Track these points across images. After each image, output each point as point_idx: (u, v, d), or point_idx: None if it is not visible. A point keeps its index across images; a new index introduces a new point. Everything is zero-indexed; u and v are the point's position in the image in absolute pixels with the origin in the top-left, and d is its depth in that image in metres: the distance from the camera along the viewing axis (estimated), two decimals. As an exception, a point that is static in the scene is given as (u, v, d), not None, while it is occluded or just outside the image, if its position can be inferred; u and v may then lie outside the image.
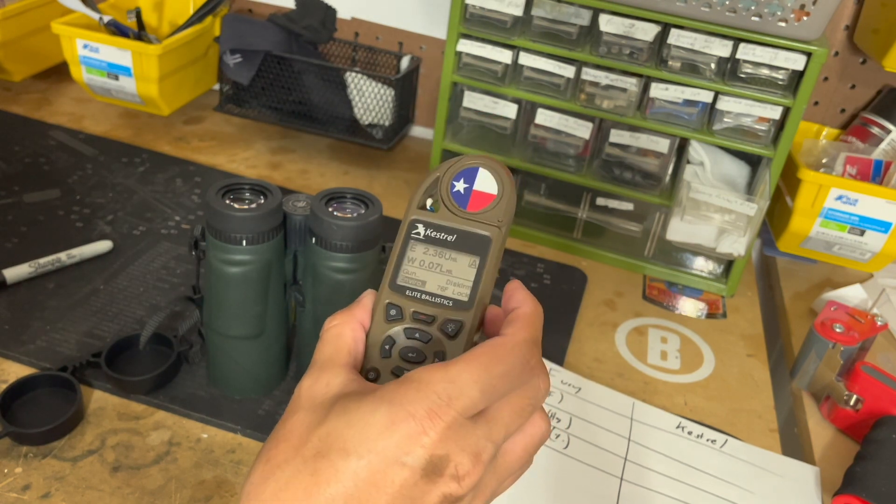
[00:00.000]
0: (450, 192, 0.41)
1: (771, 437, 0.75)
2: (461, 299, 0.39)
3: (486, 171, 0.41)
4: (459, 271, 0.40)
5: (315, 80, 1.08)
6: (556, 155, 0.96)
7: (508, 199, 0.40)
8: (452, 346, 0.39)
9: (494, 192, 0.41)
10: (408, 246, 0.41)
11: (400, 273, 0.40)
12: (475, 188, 0.41)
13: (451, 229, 0.40)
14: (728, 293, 0.96)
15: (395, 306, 0.40)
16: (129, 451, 0.64)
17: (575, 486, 0.66)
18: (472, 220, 0.40)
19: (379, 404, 0.33)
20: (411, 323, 0.39)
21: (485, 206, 0.40)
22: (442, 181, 0.41)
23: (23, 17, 1.13)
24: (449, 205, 0.41)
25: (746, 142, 0.88)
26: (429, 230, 0.40)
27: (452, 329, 0.39)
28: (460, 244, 0.40)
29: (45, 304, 0.77)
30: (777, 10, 0.79)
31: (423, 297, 0.40)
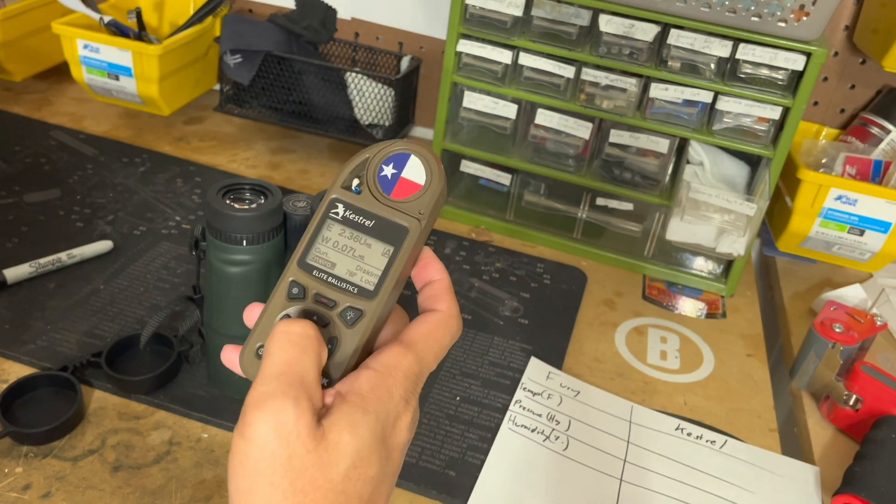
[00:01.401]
0: (377, 175, 0.39)
1: (770, 436, 0.75)
2: (367, 287, 0.38)
3: (417, 160, 0.39)
4: (371, 258, 0.39)
5: (315, 80, 1.08)
6: (556, 155, 0.96)
7: (435, 191, 0.39)
8: (349, 334, 0.38)
9: (421, 183, 0.39)
10: (324, 225, 0.39)
11: (311, 251, 0.39)
12: (403, 175, 0.39)
13: (370, 214, 0.39)
14: (728, 293, 0.96)
15: (299, 285, 0.38)
16: (129, 450, 0.64)
17: (574, 487, 0.66)
18: (394, 208, 0.39)
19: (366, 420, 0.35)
20: (311, 304, 0.38)
21: (409, 196, 0.39)
22: (370, 163, 0.40)
23: (23, 17, 1.13)
24: (373, 189, 0.39)
25: (746, 142, 0.88)
26: (348, 211, 0.39)
27: (351, 317, 0.38)
28: (377, 231, 0.39)
29: (46, 304, 0.77)
30: (777, 10, 0.79)
31: (330, 279, 0.38)
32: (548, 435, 0.71)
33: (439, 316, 0.40)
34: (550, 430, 0.71)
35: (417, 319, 0.40)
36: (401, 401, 0.36)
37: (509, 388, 0.75)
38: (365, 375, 0.36)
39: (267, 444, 0.32)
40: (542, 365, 0.79)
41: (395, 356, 0.37)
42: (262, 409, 0.33)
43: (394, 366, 0.37)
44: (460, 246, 0.97)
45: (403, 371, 0.37)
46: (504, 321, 0.85)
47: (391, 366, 0.37)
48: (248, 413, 0.33)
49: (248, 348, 0.38)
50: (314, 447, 0.33)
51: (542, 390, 0.76)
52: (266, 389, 0.33)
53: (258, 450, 0.33)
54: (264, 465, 0.32)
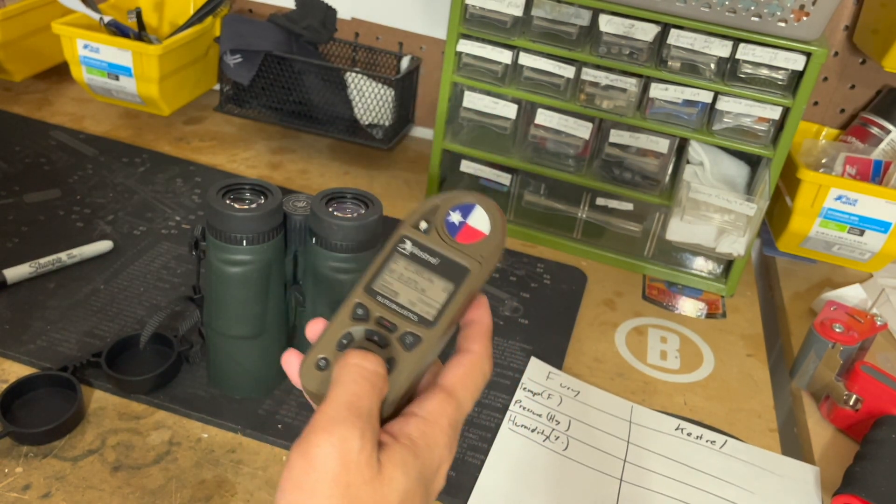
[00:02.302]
0: (444, 219, 0.43)
1: (770, 436, 0.75)
2: (426, 317, 0.41)
3: (482, 210, 0.42)
4: (432, 293, 0.41)
5: (315, 80, 1.08)
6: (555, 155, 0.96)
7: (496, 241, 0.42)
8: (406, 357, 0.40)
9: (485, 232, 0.42)
10: (392, 258, 0.42)
11: (377, 280, 0.42)
12: (468, 222, 0.42)
13: (435, 252, 0.42)
14: (728, 293, 0.96)
15: (364, 307, 0.41)
16: (129, 450, 0.64)
17: (574, 487, 0.66)
18: (458, 250, 0.42)
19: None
20: (374, 326, 0.41)
21: (472, 241, 0.42)
22: (440, 208, 0.43)
23: (23, 17, 1.13)
24: (440, 231, 0.42)
25: (746, 142, 0.88)
26: (415, 248, 0.42)
27: (410, 341, 0.40)
28: (440, 269, 0.42)
29: (46, 304, 0.77)
30: (777, 10, 0.79)
31: (392, 306, 0.41)
32: (548, 435, 0.71)
33: (473, 357, 0.41)
34: (550, 430, 0.71)
35: (453, 361, 0.41)
36: (445, 449, 0.38)
37: (509, 388, 0.75)
38: (414, 422, 0.38)
39: (329, 468, 0.34)
40: (542, 365, 0.79)
41: (440, 403, 0.39)
42: (329, 434, 0.34)
43: (440, 413, 0.39)
44: (460, 246, 0.97)
45: (448, 419, 0.39)
46: (504, 321, 0.85)
47: (437, 413, 0.38)
48: (314, 434, 0.34)
49: (310, 359, 0.40)
50: (370, 479, 0.34)
51: (542, 390, 0.76)
52: (336, 415, 0.35)
53: (319, 472, 0.34)
54: (323, 486, 0.34)
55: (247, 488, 0.62)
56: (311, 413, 0.69)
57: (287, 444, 0.66)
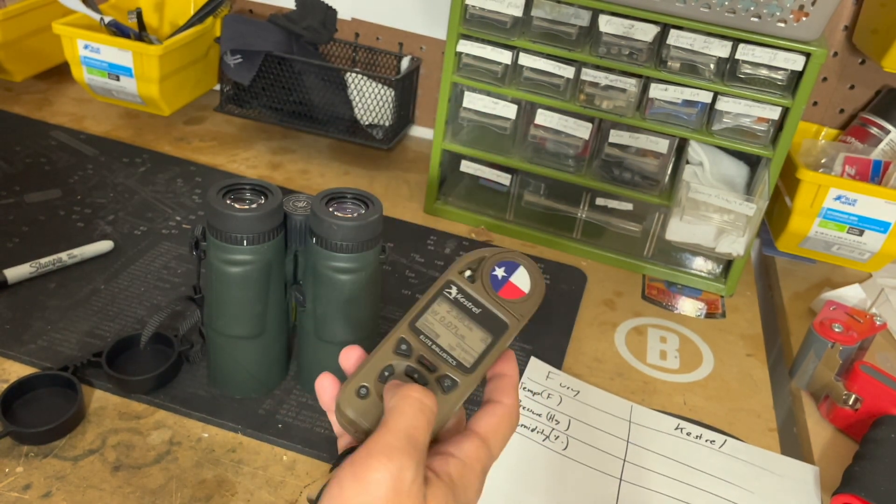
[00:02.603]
0: (489, 273, 0.45)
1: (770, 436, 0.75)
2: (464, 364, 0.43)
3: (525, 272, 0.46)
4: (471, 341, 0.44)
5: (315, 80, 1.08)
6: (555, 155, 0.96)
7: (534, 301, 0.45)
8: (442, 399, 0.42)
9: (525, 291, 0.45)
10: (437, 300, 0.45)
11: (421, 318, 0.44)
12: (511, 280, 0.45)
13: (478, 303, 0.45)
14: (727, 293, 0.96)
15: (407, 343, 0.43)
16: (129, 450, 0.64)
17: (574, 486, 0.66)
18: (499, 305, 0.45)
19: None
20: (415, 363, 0.43)
21: (513, 298, 0.45)
22: (486, 262, 0.45)
23: (24, 17, 1.13)
24: (485, 283, 0.45)
25: (745, 142, 0.88)
26: (460, 295, 0.45)
27: (448, 385, 0.43)
28: (481, 319, 0.44)
29: (46, 304, 0.77)
30: (776, 10, 0.79)
31: (434, 347, 0.43)
32: (547, 434, 0.71)
33: (505, 409, 0.43)
34: (550, 430, 0.71)
35: (487, 410, 0.43)
36: (475, 493, 0.40)
37: (509, 388, 0.75)
38: (453, 463, 0.39)
39: (381, 494, 0.35)
40: (541, 365, 0.79)
41: (475, 449, 0.41)
42: (389, 460, 0.35)
43: (475, 458, 0.40)
44: (460, 246, 0.97)
45: (482, 464, 0.41)
46: (504, 321, 0.85)
47: (473, 458, 0.40)
48: (372, 459, 0.35)
49: (350, 386, 0.42)
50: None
51: (541, 390, 0.76)
52: (396, 444, 0.36)
53: (371, 495, 0.35)
54: None
55: (247, 488, 0.62)
56: (311, 413, 0.69)
57: (287, 443, 0.66)
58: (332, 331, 0.66)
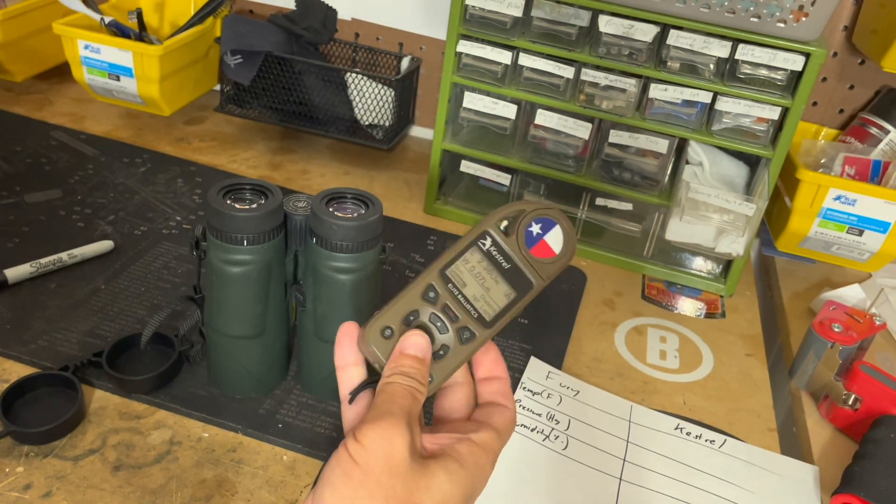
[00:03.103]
0: (525, 228, 0.45)
1: (770, 436, 0.75)
2: (485, 317, 0.44)
3: (561, 232, 0.45)
4: (495, 295, 0.44)
5: (316, 80, 1.08)
6: (555, 155, 0.96)
7: (562, 263, 0.45)
8: (458, 349, 0.44)
9: (557, 251, 0.45)
10: (470, 249, 0.44)
11: (452, 266, 0.44)
12: (545, 238, 0.45)
13: (509, 258, 0.44)
14: (727, 293, 0.96)
15: (435, 290, 0.44)
16: (130, 450, 0.64)
17: (574, 486, 0.66)
18: (528, 263, 0.45)
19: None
20: (440, 311, 0.44)
21: (543, 258, 0.45)
22: (524, 215, 0.45)
23: (24, 17, 1.13)
24: (518, 238, 0.45)
25: (745, 142, 0.88)
26: (493, 248, 0.44)
27: (466, 337, 0.44)
28: (509, 274, 0.44)
29: (47, 304, 0.77)
30: (776, 10, 0.79)
31: (459, 296, 0.44)
32: (547, 434, 0.71)
33: (511, 414, 0.45)
34: (550, 430, 0.71)
35: (496, 410, 0.45)
36: (483, 479, 0.42)
37: (509, 388, 0.75)
38: (465, 443, 0.41)
39: (380, 451, 0.38)
40: (541, 364, 0.79)
41: (490, 436, 0.42)
42: (382, 419, 0.39)
43: (489, 444, 0.42)
44: (460, 246, 0.97)
45: (495, 452, 0.43)
46: (504, 321, 0.85)
47: (487, 442, 0.42)
48: (365, 425, 0.38)
49: (376, 325, 0.43)
50: (419, 468, 0.39)
51: (541, 390, 0.76)
52: (382, 412, 0.39)
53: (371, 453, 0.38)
54: (375, 464, 0.37)
55: (247, 488, 0.62)
56: (311, 413, 0.69)
57: (287, 443, 0.66)
58: (332, 331, 0.66)
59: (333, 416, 0.69)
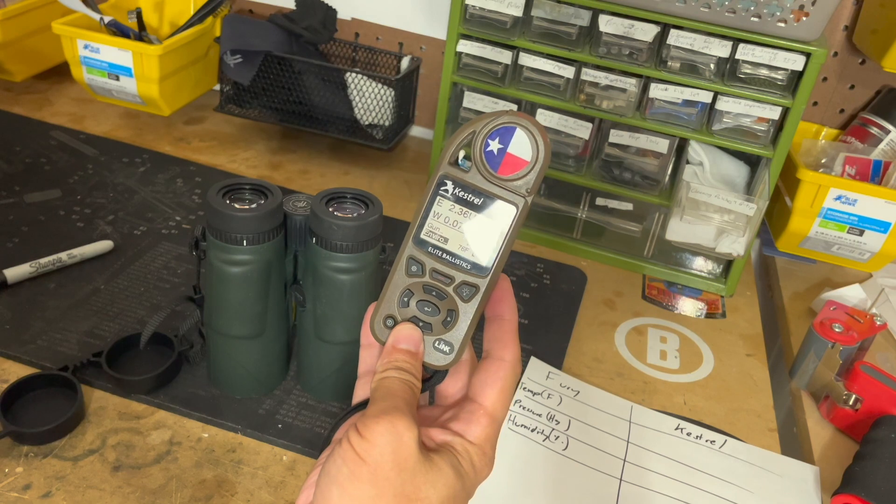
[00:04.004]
0: (483, 150, 0.39)
1: (770, 436, 0.75)
2: (479, 263, 0.40)
3: (523, 134, 0.39)
4: (481, 236, 0.40)
5: (315, 80, 1.08)
6: (555, 155, 0.96)
7: (540, 167, 0.39)
8: (465, 307, 0.41)
9: (528, 159, 0.39)
10: (434, 201, 0.40)
11: (424, 227, 0.41)
12: (509, 150, 0.39)
13: (479, 191, 0.40)
14: (727, 293, 0.96)
15: (417, 262, 0.41)
16: (129, 450, 0.64)
17: (574, 486, 0.66)
18: (500, 187, 0.39)
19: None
20: (430, 279, 0.41)
21: (515, 172, 0.39)
22: (477, 137, 0.39)
23: (24, 17, 1.13)
24: (480, 165, 0.39)
25: (745, 142, 0.88)
26: (457, 188, 0.40)
27: (467, 293, 0.41)
28: (486, 209, 0.40)
29: (46, 304, 0.77)
30: (776, 10, 0.79)
31: (444, 255, 0.41)
32: (548, 435, 0.71)
33: (508, 368, 0.42)
34: (550, 430, 0.71)
35: (490, 374, 0.42)
36: (485, 468, 0.41)
37: (509, 388, 0.75)
38: (460, 444, 0.40)
39: (384, 442, 0.37)
40: (542, 365, 0.79)
41: (485, 429, 0.41)
42: (385, 414, 0.37)
43: (485, 439, 0.41)
44: (460, 246, 0.97)
45: (491, 443, 0.41)
46: (504, 321, 0.85)
47: (482, 439, 0.41)
48: (369, 420, 0.37)
49: (379, 317, 0.42)
50: (424, 461, 0.38)
51: (541, 390, 0.76)
52: (384, 406, 0.38)
53: (379, 448, 0.37)
54: (382, 460, 0.37)
55: (247, 488, 0.62)
56: (311, 413, 0.69)
57: (287, 443, 0.66)
58: (332, 331, 0.66)
59: (333, 416, 0.69)
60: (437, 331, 0.41)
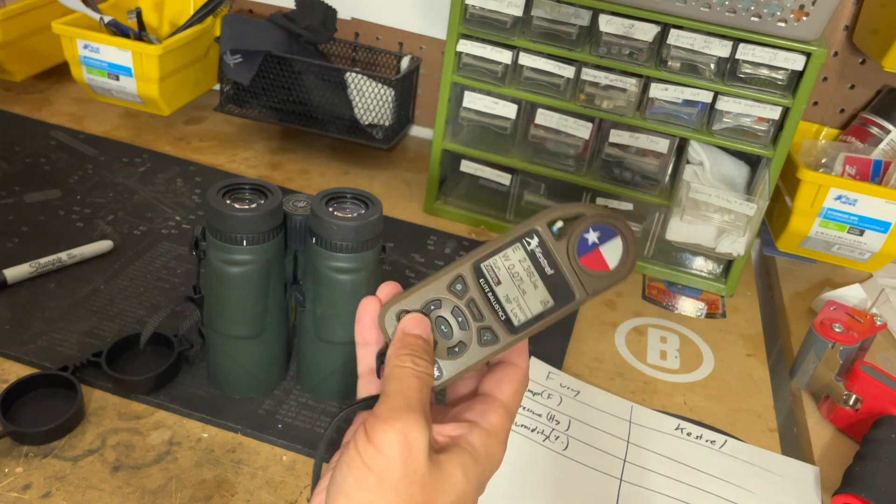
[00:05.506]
0: (581, 234, 0.40)
1: (770, 436, 0.75)
2: (513, 322, 0.41)
3: (621, 244, 0.40)
4: (530, 299, 0.40)
5: (315, 80, 1.08)
6: (555, 155, 0.96)
7: (617, 279, 0.40)
8: (476, 349, 0.41)
9: (612, 266, 0.40)
10: (513, 245, 0.41)
11: (490, 259, 0.41)
12: (601, 248, 0.40)
13: (555, 263, 0.40)
14: (727, 293, 0.96)
15: (464, 283, 0.41)
16: (129, 450, 0.64)
17: (574, 486, 0.66)
18: (576, 273, 0.40)
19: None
20: (464, 306, 0.41)
21: (595, 270, 0.40)
22: (582, 220, 0.40)
23: (24, 17, 1.13)
24: (570, 244, 0.40)
25: (746, 142, 0.88)
26: (538, 249, 0.40)
27: (487, 339, 0.41)
28: (550, 281, 0.40)
29: (46, 304, 0.77)
30: (776, 10, 0.79)
31: (489, 294, 0.41)
32: (548, 435, 0.71)
33: (521, 373, 0.43)
34: (550, 430, 0.71)
35: (506, 374, 0.42)
36: (499, 461, 0.41)
37: (509, 388, 0.75)
38: (477, 432, 0.40)
39: (395, 454, 0.36)
40: (542, 365, 0.79)
41: (500, 418, 0.41)
42: (394, 422, 0.36)
43: (500, 427, 0.40)
44: (460, 246, 0.97)
45: (505, 434, 0.41)
46: (504, 321, 0.85)
47: (498, 427, 0.40)
48: (380, 422, 0.36)
49: (396, 306, 0.41)
50: (435, 469, 0.37)
51: (542, 390, 0.76)
52: (396, 406, 0.37)
53: (385, 458, 0.36)
54: (391, 469, 0.36)
55: (247, 488, 0.62)
56: (311, 413, 0.69)
57: (287, 443, 0.66)
58: (332, 331, 0.66)
59: (333, 417, 0.69)
60: (440, 353, 0.42)
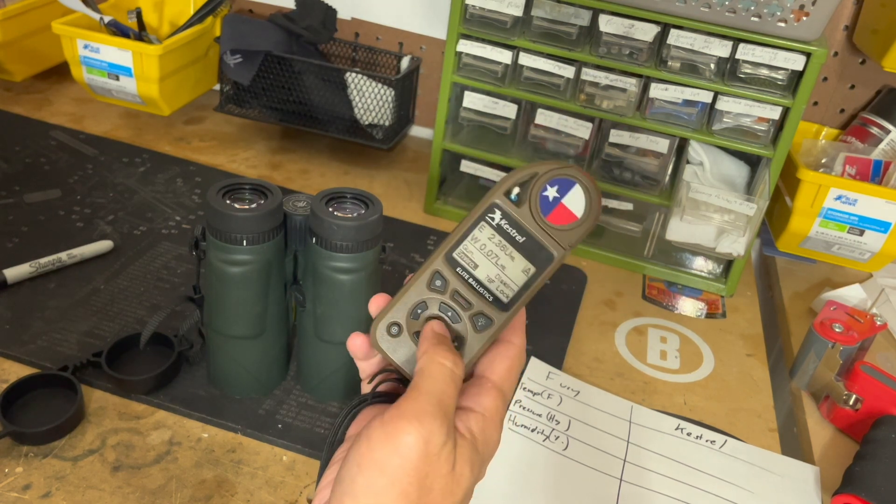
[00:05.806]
0: (539, 193, 0.40)
1: (770, 436, 0.75)
2: (502, 300, 0.40)
3: (581, 190, 0.40)
4: (512, 272, 0.40)
5: (315, 80, 1.08)
6: (555, 155, 0.96)
7: (587, 227, 0.40)
8: (475, 337, 0.40)
9: (578, 215, 0.40)
10: (478, 225, 0.40)
11: (459, 247, 0.40)
12: (563, 201, 0.40)
13: (524, 230, 0.40)
14: (727, 293, 0.96)
15: (442, 278, 0.40)
16: (129, 450, 0.64)
17: (574, 486, 0.66)
18: (546, 232, 0.40)
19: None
20: (449, 300, 0.40)
21: (563, 224, 0.40)
22: (537, 178, 0.40)
23: (24, 17, 1.13)
24: (532, 206, 0.40)
25: (746, 142, 0.88)
26: (503, 220, 0.40)
27: (482, 324, 0.40)
28: (525, 248, 0.40)
29: (46, 304, 0.77)
30: (776, 10, 0.79)
31: (470, 280, 0.40)
32: (548, 435, 0.71)
33: (516, 351, 0.42)
34: (550, 430, 0.71)
35: (499, 353, 0.42)
36: (495, 445, 0.40)
37: (509, 388, 0.75)
38: (474, 418, 0.39)
39: (412, 457, 0.35)
40: (542, 365, 0.79)
41: (494, 401, 0.40)
42: (420, 424, 0.35)
43: (495, 411, 0.40)
44: (460, 246, 0.97)
45: (501, 416, 0.40)
46: (504, 321, 0.85)
47: (493, 410, 0.40)
48: (403, 421, 0.36)
49: (383, 322, 0.41)
50: (446, 473, 0.36)
51: (542, 390, 0.76)
52: (427, 408, 0.36)
53: (402, 458, 0.35)
54: (403, 473, 0.35)
55: (247, 488, 0.62)
56: (311, 413, 0.69)
57: (287, 443, 0.66)
58: (332, 331, 0.66)
59: (333, 417, 0.69)
60: None
